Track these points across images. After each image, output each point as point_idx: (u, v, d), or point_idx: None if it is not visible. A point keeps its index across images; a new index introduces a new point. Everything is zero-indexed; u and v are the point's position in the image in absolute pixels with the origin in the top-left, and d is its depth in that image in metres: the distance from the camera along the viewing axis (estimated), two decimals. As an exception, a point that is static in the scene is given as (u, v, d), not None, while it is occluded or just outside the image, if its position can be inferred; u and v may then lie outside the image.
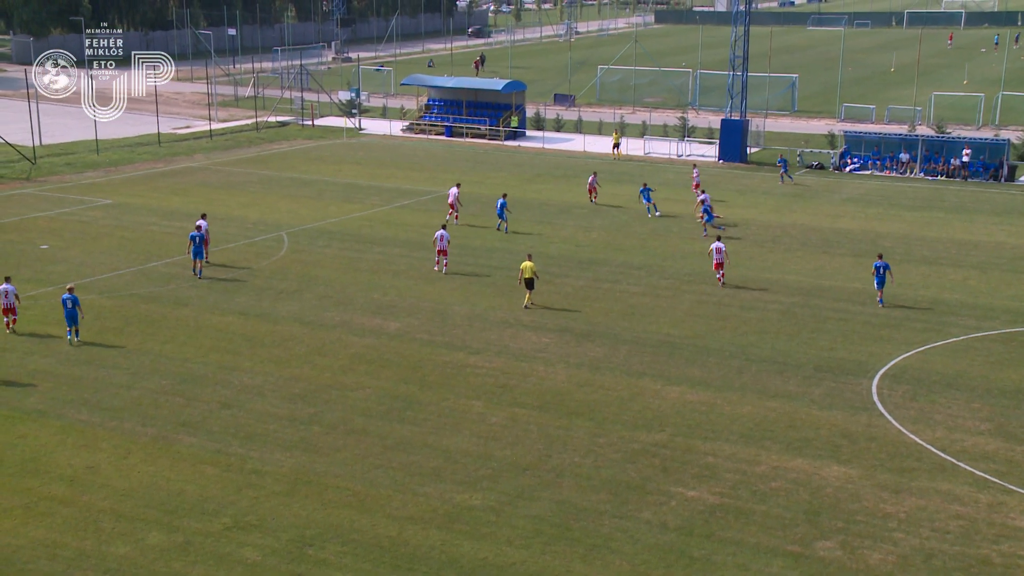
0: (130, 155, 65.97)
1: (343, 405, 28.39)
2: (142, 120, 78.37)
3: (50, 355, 31.37)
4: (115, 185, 56.90)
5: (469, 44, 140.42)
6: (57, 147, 67.12)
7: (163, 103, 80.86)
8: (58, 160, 63.21)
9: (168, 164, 63.72)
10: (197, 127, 77.39)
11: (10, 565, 20.58)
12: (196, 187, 56.49)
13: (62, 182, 57.43)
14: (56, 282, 38.16)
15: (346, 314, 35.83)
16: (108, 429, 26.48)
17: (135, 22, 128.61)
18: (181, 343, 32.68)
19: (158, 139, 70.33)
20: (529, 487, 24.17)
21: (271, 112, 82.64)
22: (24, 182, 56.94)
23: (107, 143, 68.59)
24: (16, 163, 60.83)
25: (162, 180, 58.67)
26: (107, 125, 72.00)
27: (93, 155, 65.17)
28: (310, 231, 47.24)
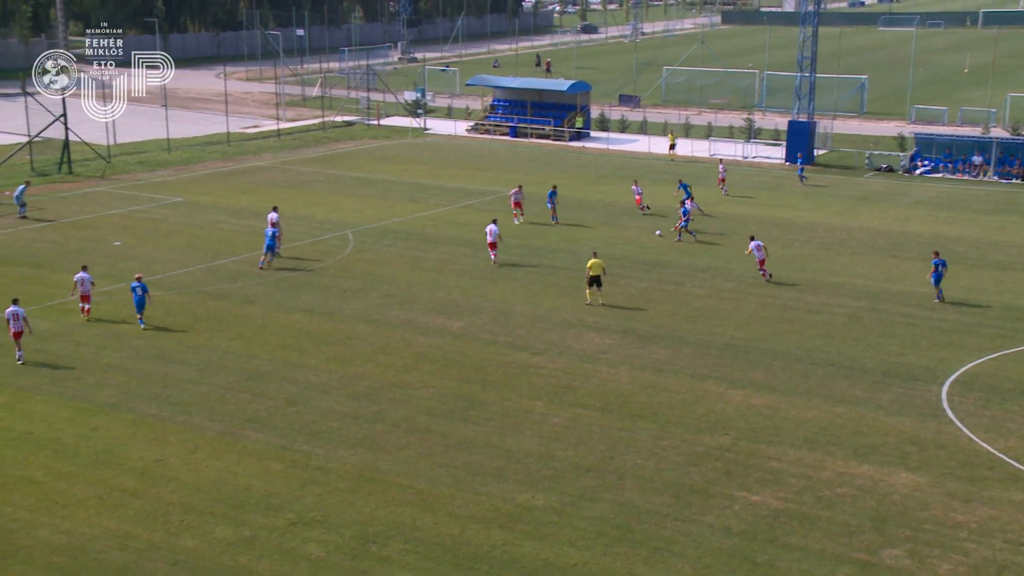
0: (200, 154, 67.02)
1: (406, 403, 28.54)
2: (212, 120, 79.60)
3: (122, 350, 31.97)
4: (185, 183, 57.84)
5: (534, 45, 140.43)
6: (130, 146, 68.39)
7: (232, 103, 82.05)
8: (131, 159, 64.41)
9: (236, 163, 64.61)
10: (265, 127, 78.37)
11: (85, 554, 21.02)
12: (264, 186, 57.21)
13: (135, 180, 58.52)
14: (128, 278, 38.87)
15: (410, 313, 36.03)
16: (177, 423, 26.92)
17: (206, 23, 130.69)
18: (248, 340, 33.12)
19: (227, 138, 71.37)
20: (591, 488, 24.10)
21: (338, 112, 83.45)
22: (99, 180, 58.11)
23: (178, 142, 69.74)
24: (92, 162, 62.11)
25: (231, 179, 59.50)
26: (179, 124, 73.28)
27: (165, 154, 66.32)
28: (375, 230, 47.59)
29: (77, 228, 46.85)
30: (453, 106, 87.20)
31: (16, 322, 30.77)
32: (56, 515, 22.34)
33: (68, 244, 43.79)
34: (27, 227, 46.58)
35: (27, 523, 22.02)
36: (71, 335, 33.03)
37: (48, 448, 25.36)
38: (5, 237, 44.82)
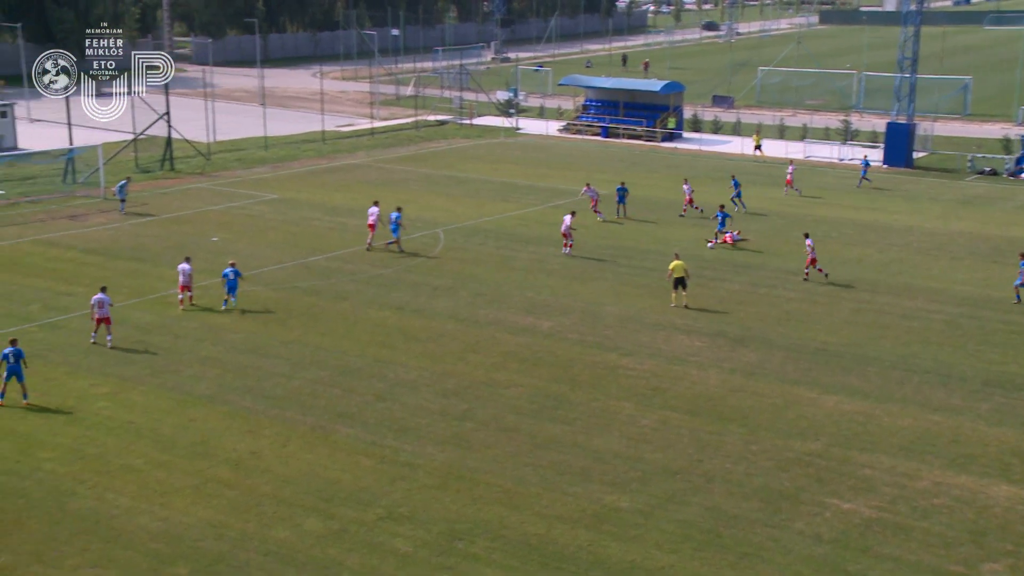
0: (296, 152, 68.20)
1: (495, 402, 28.67)
2: (308, 118, 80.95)
3: (219, 344, 32.71)
4: (281, 181, 58.93)
5: (627, 45, 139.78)
6: (229, 143, 69.90)
7: (328, 101, 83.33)
8: (230, 156, 65.83)
9: (331, 161, 65.60)
10: (359, 125, 79.42)
11: (181, 541, 21.56)
12: (357, 184, 57.98)
13: (233, 177, 59.81)
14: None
15: (499, 312, 36.17)
16: (270, 417, 27.45)
17: (304, 23, 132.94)
18: (340, 336, 33.60)
19: (322, 137, 72.50)
20: (679, 491, 23.92)
21: (431, 111, 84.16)
22: (199, 177, 59.53)
23: (275, 140, 71.07)
24: (192, 158, 63.64)
25: (325, 176, 60.45)
26: (276, 122, 74.69)
27: (262, 151, 67.64)
28: (466, 229, 47.89)
29: (178, 223, 48.06)
30: (545, 106, 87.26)
31: (101, 309, 32.04)
32: (155, 503, 22.97)
33: (169, 239, 44.96)
34: (131, 222, 47.94)
35: (128, 510, 22.67)
36: (170, 328, 33.91)
37: (148, 437, 26.08)
38: (110, 232, 46.21)
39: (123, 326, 33.79)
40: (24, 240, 44.45)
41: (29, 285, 37.87)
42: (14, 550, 21.06)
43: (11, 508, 22.59)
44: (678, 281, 36.30)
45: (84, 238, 44.95)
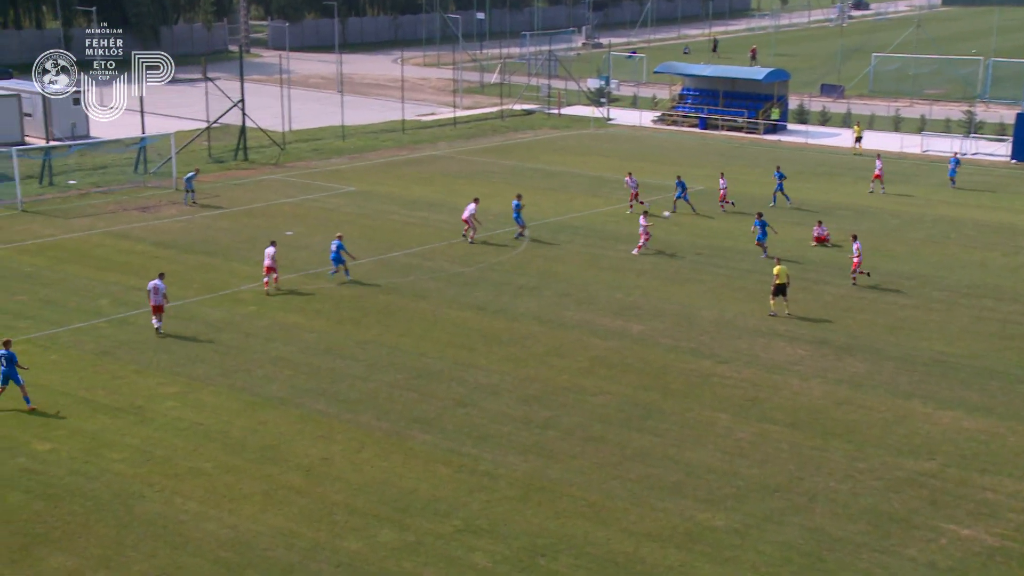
0: (374, 142, 68.94)
1: (581, 410, 28.63)
2: (387, 106, 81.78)
3: (291, 343, 33.21)
4: (359, 172, 59.61)
5: (728, 30, 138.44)
6: (305, 133, 70.95)
7: (409, 89, 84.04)
8: (305, 146, 66.82)
9: (411, 152, 66.16)
10: (441, 114, 79.97)
11: (251, 550, 21.95)
12: (438, 176, 58.40)
13: (308, 168, 60.68)
14: (300, 268, 40.40)
15: (587, 314, 36.11)
16: (344, 421, 27.79)
17: (385, 7, 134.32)
18: (418, 336, 33.87)
19: (402, 126, 73.18)
20: (778, 510, 23.61)
21: (517, 100, 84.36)
22: (273, 167, 60.53)
23: (352, 129, 71.92)
24: (267, 148, 64.74)
25: (405, 168, 60.99)
26: (354, 111, 75.61)
27: (339, 141, 68.51)
28: (552, 225, 47.90)
29: (251, 216, 48.91)
30: (639, 95, 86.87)
31: (156, 295, 33.39)
32: (223, 508, 23.42)
33: (242, 232, 45.79)
34: (203, 214, 48.95)
35: (196, 515, 23.16)
36: (241, 326, 34.54)
37: (217, 440, 26.60)
38: (181, 224, 47.23)
39: (193, 323, 34.53)
40: (95, 232, 45.67)
41: (99, 279, 38.90)
42: (81, 553, 21.67)
43: (79, 510, 23.23)
44: (779, 288, 35.82)
45: (155, 230, 46.04)
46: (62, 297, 36.94)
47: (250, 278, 39.31)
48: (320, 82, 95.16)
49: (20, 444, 26.10)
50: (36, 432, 26.75)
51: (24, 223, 46.85)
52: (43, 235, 44.95)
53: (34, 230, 45.71)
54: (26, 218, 47.73)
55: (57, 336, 33.27)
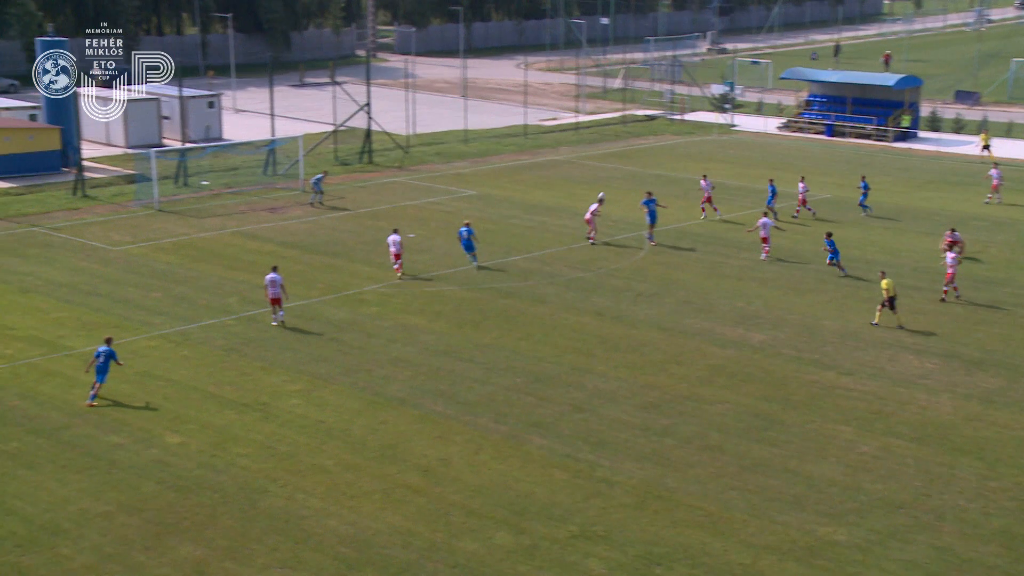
0: (496, 146, 69.37)
1: (699, 418, 28.36)
2: (510, 111, 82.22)
3: (411, 344, 33.63)
4: (480, 176, 60.06)
5: (858, 35, 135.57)
6: (429, 136, 71.80)
7: (531, 94, 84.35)
8: (429, 149, 67.60)
9: (533, 156, 66.40)
10: (563, 119, 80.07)
11: (370, 548, 22.30)
12: (559, 181, 58.46)
13: (431, 171, 61.38)
14: (421, 271, 40.88)
15: (707, 322, 35.75)
16: (462, 423, 28.02)
17: (510, 12, 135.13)
18: (536, 341, 33.97)
19: (524, 131, 73.47)
20: (903, 527, 23.02)
21: (639, 105, 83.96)
22: (397, 170, 61.40)
23: (475, 133, 72.50)
24: (391, 151, 65.69)
25: (526, 173, 61.23)
26: (477, 115, 76.24)
27: (461, 145, 69.14)
28: (673, 232, 47.55)
29: (374, 218, 49.70)
30: (764, 101, 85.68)
31: (273, 288, 34.46)
32: (344, 506, 23.83)
33: (365, 234, 46.55)
34: (328, 216, 49.91)
35: (318, 511, 23.62)
36: (364, 326, 35.11)
37: (339, 438, 27.09)
38: (307, 225, 48.24)
39: (317, 322, 35.24)
40: (225, 231, 46.95)
41: (228, 277, 39.97)
42: (208, 544, 22.30)
43: (207, 502, 23.92)
44: (889, 301, 34.97)
45: (282, 231, 47.11)
46: (194, 294, 38.07)
47: (373, 279, 39.94)
48: (444, 86, 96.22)
49: (154, 436, 26.98)
50: (168, 425, 27.62)
51: (160, 222, 48.42)
52: (177, 233, 46.40)
53: (169, 229, 47.22)
54: (162, 217, 49.32)
55: (189, 332, 34.30)
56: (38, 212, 49.79)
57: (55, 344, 33.01)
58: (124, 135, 65.40)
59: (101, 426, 27.44)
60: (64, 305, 36.63)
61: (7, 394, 29.27)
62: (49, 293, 37.95)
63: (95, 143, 64.62)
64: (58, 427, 27.35)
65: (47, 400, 28.96)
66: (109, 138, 65.94)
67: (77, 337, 33.55)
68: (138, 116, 65.49)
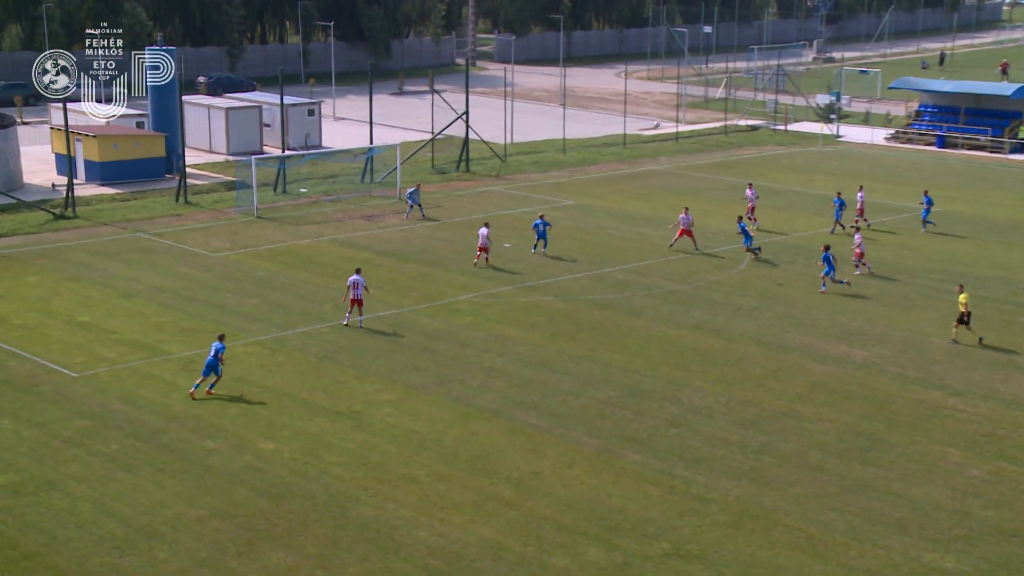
0: (594, 155, 69.23)
1: (798, 436, 27.84)
2: (609, 120, 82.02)
3: (505, 355, 33.65)
4: (578, 186, 59.96)
5: (975, 42, 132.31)
6: (526, 145, 71.93)
7: (631, 103, 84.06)
8: (526, 158, 67.74)
9: (631, 166, 66.08)
10: (663, 129, 79.57)
11: (459, 560, 22.32)
12: (657, 191, 58.07)
13: (528, 181, 61.47)
14: (514, 282, 40.92)
15: (808, 337, 35.14)
16: (554, 436, 27.92)
17: (611, 20, 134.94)
18: (632, 353, 33.73)
19: (623, 140, 73.19)
20: (1016, 557, 22.27)
21: (741, 115, 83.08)
22: (493, 179, 61.63)
23: (573, 143, 72.44)
24: (488, 160, 65.99)
25: (624, 183, 60.95)
26: (575, 124, 76.20)
27: (559, 154, 69.13)
28: (774, 244, 46.87)
29: (470, 227, 49.85)
30: (871, 111, 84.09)
31: (356, 290, 35.24)
32: (434, 517, 23.90)
33: (460, 243, 46.76)
34: (424, 224, 50.28)
35: (408, 521, 23.73)
36: (457, 336, 35.24)
37: (430, 449, 27.20)
38: (403, 233, 48.66)
39: (411, 331, 35.48)
40: (323, 239, 47.62)
41: (324, 285, 40.49)
42: (299, 551, 22.55)
43: (299, 509, 24.20)
44: (964, 315, 33.99)
45: (378, 239, 47.59)
46: (290, 301, 38.65)
47: (467, 288, 40.10)
48: (543, 95, 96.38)
49: (247, 442, 27.41)
50: (262, 431, 28.04)
51: (259, 228, 49.31)
52: (275, 240, 47.19)
53: (267, 235, 48.05)
54: (261, 224, 50.22)
55: (284, 339, 34.81)
56: (142, 218, 51.09)
57: (155, 348, 33.78)
58: (226, 142, 66.88)
59: (197, 431, 27.97)
60: (164, 310, 37.49)
61: (109, 397, 30.02)
62: (150, 298, 38.87)
63: (198, 150, 66.13)
64: (156, 431, 27.95)
65: (146, 404, 29.62)
66: (212, 145, 67.47)
67: (176, 342, 34.29)
68: (240, 124, 66.95)
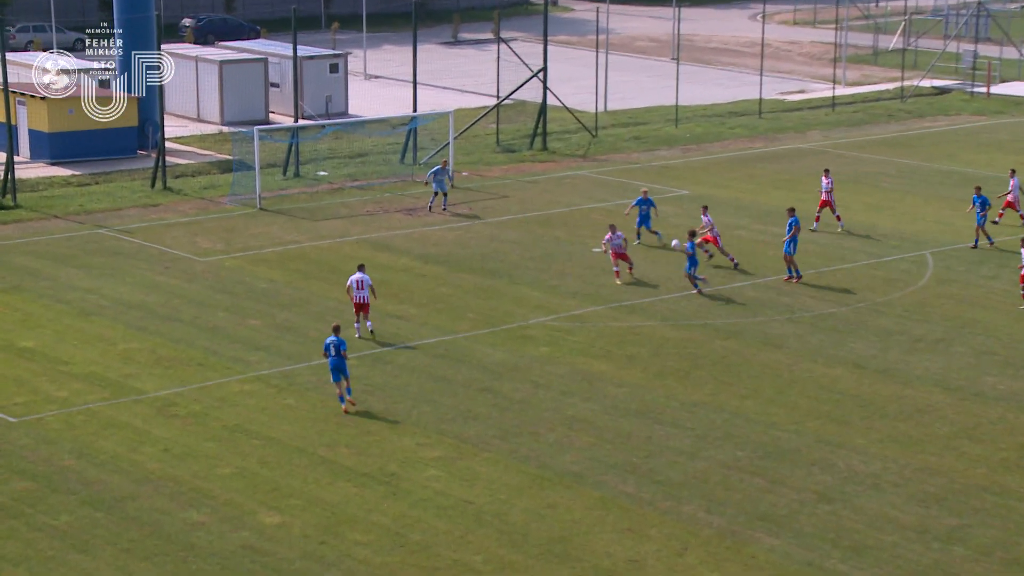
0: (718, 128, 69.05)
1: (1003, 520, 27.55)
2: (739, 81, 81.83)
3: (593, 399, 33.63)
4: (694, 169, 59.83)
5: None
6: (625, 114, 71.98)
7: (771, 57, 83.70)
8: (624, 132, 67.76)
9: (769, 143, 65.81)
10: (814, 92, 79.25)
11: None
12: (805, 178, 57.75)
13: (626, 162, 61.46)
14: (607, 299, 40.87)
15: (1016, 381, 34.77)
16: (660, 511, 27.83)
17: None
18: (767, 400, 33.57)
19: (759, 107, 72.88)
20: None
21: (925, 73, 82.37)
22: (580, 160, 61.69)
23: (690, 111, 72.34)
24: (572, 134, 66.03)
25: (759, 165, 60.70)
26: (693, 85, 76.06)
27: (669, 127, 69.04)
28: (968, 252, 46.45)
29: (547, 225, 49.95)
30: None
31: (360, 291, 36.75)
32: (494, 618, 23.99)
33: (534, 246, 46.83)
34: (485, 221, 50.38)
35: (457, 624, 23.86)
36: (528, 372, 35.28)
37: (490, 525, 27.25)
38: (456, 233, 48.82)
39: (465, 365, 35.63)
40: (348, 239, 47.96)
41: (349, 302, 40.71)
42: (308, 662, 22.72)
43: (308, 604, 24.40)
44: None
45: (422, 240, 47.82)
46: (303, 323, 38.98)
47: (543, 308, 40.17)
48: (649, 46, 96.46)
49: (245, 514, 27.65)
50: (264, 499, 28.27)
51: (262, 225, 49.82)
52: (284, 241, 47.62)
53: (273, 234, 48.51)
54: (265, 218, 50.74)
55: (295, 374, 35.12)
56: (106, 208, 51.93)
57: (121, 385, 34.25)
58: (219, 108, 66.84)
59: (177, 497, 28.28)
60: (135, 333, 38.01)
61: (58, 451, 30.47)
62: (116, 317, 39.45)
63: (182, 118, 66.66)
64: (122, 497, 28.30)
65: (109, 460, 30.01)
66: (200, 112, 67.68)
67: (150, 377, 34.75)
68: (238, 83, 66.51)
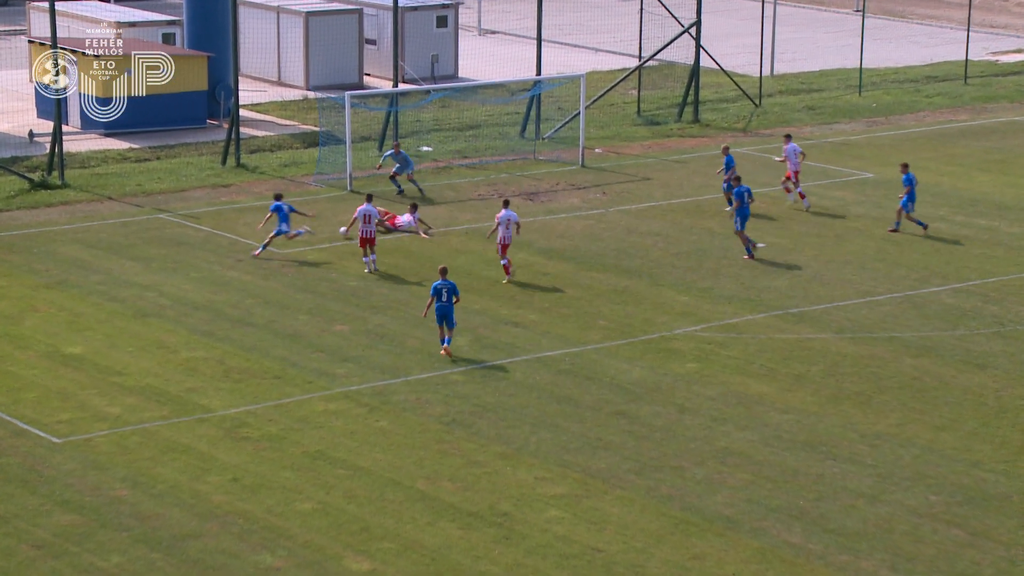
0: (912, 97, 68.37)
1: None
2: (941, 36, 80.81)
3: (752, 427, 33.42)
4: (882, 147, 59.24)
5: None
6: (796, 79, 71.51)
7: (980, 8, 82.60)
8: (795, 101, 67.29)
9: (977, 115, 65.11)
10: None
11: None
12: (1020, 156, 56.99)
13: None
14: (770, 306, 40.61)
15: None
16: (833, 566, 27.55)
17: None
18: (969, 433, 33.20)
19: (964, 71, 71.97)
20: None
21: None
22: (740, 135, 61.28)
23: (877, 75, 71.74)
24: (732, 104, 65.67)
25: (964, 142, 60.06)
26: (881, 44, 75.36)
27: (851, 95, 68.43)
28: None
29: (696, 215, 49.71)
30: None
31: (368, 224, 39.07)
32: None
33: (680, 241, 46.60)
34: (617, 208, 50.26)
35: None
36: (672, 394, 35.14)
37: (623, 578, 27.24)
38: (586, 223, 48.76)
39: (595, 384, 35.59)
40: (454, 228, 48.12)
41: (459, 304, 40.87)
42: None
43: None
44: None
45: (546, 230, 47.81)
46: (400, 329, 39.15)
47: (691, 316, 40.01)
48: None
49: (328, 559, 27.80)
50: (350, 541, 28.39)
51: (352, 210, 49.99)
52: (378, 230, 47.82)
53: (365, 222, 48.84)
54: (356, 202, 50.95)
55: (388, 391, 35.28)
56: (168, 190, 52.54)
57: (183, 402, 34.62)
58: (304, 70, 66.86)
59: (247, 537, 28.49)
60: (199, 340, 38.43)
61: (109, 478, 30.82)
62: (178, 319, 39.91)
63: (261, 81, 66.82)
64: (182, 535, 28.57)
65: (168, 491, 30.33)
66: (282, 74, 67.75)
67: (217, 392, 35.09)
68: (327, 38, 66.36)
